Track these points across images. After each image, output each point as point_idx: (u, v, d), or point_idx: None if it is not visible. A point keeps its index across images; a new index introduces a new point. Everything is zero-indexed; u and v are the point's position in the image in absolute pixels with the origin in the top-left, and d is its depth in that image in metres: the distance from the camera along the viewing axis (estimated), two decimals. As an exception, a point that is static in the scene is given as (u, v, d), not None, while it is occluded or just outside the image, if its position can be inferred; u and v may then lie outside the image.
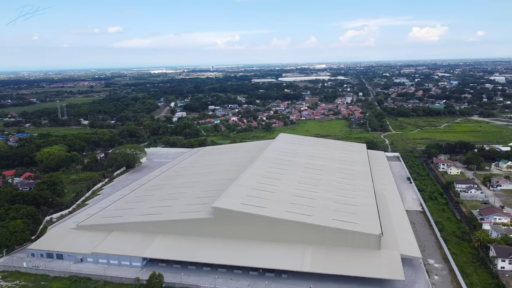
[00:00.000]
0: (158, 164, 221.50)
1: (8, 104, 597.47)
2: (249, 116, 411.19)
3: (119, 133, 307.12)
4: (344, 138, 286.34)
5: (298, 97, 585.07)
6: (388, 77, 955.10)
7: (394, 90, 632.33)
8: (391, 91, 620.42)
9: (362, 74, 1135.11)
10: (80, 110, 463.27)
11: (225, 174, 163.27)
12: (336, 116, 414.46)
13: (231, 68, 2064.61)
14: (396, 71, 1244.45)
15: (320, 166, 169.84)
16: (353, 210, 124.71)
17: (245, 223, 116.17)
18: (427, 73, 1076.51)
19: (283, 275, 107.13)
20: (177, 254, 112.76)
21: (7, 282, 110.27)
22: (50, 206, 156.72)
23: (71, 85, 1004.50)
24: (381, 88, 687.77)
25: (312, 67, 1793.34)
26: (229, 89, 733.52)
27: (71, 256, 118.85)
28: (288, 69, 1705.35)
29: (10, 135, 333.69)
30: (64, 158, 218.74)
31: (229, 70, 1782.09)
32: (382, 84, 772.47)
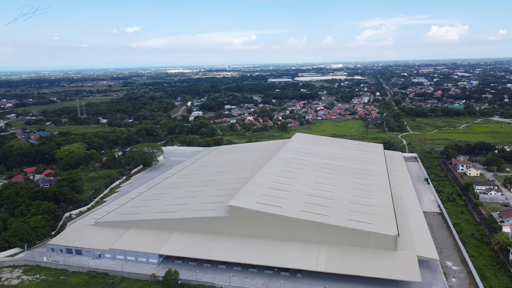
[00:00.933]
0: (174, 163, 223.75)
1: (29, 103, 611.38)
2: (265, 115, 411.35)
3: (136, 132, 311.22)
4: (361, 138, 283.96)
5: (314, 96, 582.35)
6: (406, 77, 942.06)
7: (412, 90, 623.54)
8: (409, 91, 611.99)
9: (379, 74, 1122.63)
10: (98, 109, 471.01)
11: (240, 173, 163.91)
12: (352, 116, 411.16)
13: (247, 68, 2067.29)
14: (414, 70, 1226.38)
15: (336, 166, 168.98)
16: (369, 211, 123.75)
17: (261, 222, 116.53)
18: (446, 72, 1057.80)
19: (298, 274, 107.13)
20: (193, 252, 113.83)
21: (28, 276, 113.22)
22: (69, 203, 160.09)
23: (90, 85, 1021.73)
24: (399, 88, 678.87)
25: (329, 67, 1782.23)
26: (245, 88, 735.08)
27: (90, 252, 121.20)
28: (304, 68, 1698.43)
29: (32, 133, 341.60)
30: (83, 156, 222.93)
31: (245, 70, 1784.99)
32: (400, 84, 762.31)
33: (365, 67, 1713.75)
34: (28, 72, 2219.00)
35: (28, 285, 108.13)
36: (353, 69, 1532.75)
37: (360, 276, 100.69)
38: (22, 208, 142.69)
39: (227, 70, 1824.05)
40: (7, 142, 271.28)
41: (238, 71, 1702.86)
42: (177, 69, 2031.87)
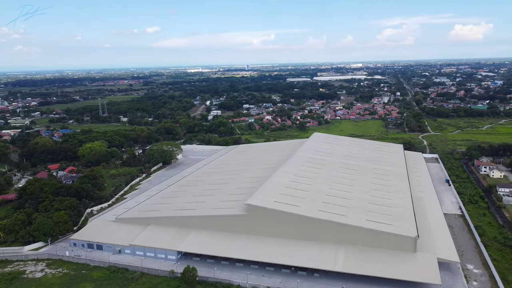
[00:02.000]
0: (193, 161, 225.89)
1: (53, 101, 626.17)
2: (283, 115, 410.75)
3: (156, 130, 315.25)
4: (380, 139, 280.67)
5: (333, 96, 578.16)
6: (428, 77, 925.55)
7: (434, 90, 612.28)
8: (431, 91, 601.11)
9: (400, 74, 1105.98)
10: (119, 108, 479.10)
11: (258, 172, 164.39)
12: (372, 116, 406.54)
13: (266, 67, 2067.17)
14: (436, 70, 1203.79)
15: (355, 166, 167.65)
16: (388, 212, 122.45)
17: (278, 221, 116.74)
18: (470, 72, 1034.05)
19: (315, 274, 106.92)
20: (211, 249, 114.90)
21: (51, 269, 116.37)
22: (91, 199, 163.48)
23: (111, 84, 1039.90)
24: (420, 87, 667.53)
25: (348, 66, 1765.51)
26: (263, 88, 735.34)
27: (110, 247, 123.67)
28: (324, 68, 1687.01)
29: (55, 130, 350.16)
30: (105, 153, 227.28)
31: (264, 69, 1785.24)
32: (421, 83, 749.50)
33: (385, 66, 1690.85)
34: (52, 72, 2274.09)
35: (51, 278, 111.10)
36: (373, 68, 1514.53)
37: (378, 277, 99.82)
38: (46, 204, 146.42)
39: (246, 69, 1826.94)
40: (32, 140, 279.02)
41: (257, 70, 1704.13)
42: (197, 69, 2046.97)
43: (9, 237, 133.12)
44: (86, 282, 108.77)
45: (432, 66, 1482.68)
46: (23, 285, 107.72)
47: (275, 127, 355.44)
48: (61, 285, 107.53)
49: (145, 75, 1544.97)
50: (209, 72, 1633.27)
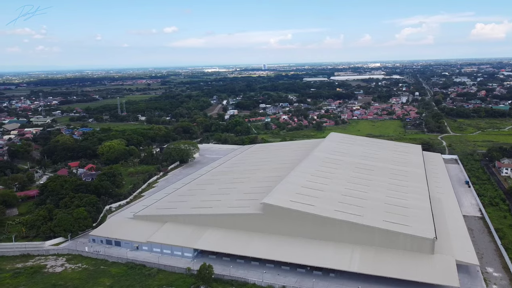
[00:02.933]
0: (210, 160, 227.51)
1: (73, 100, 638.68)
2: (300, 114, 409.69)
3: (173, 129, 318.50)
4: (398, 139, 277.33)
5: (350, 96, 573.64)
6: (448, 76, 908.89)
7: (454, 90, 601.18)
8: (450, 91, 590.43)
9: (419, 73, 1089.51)
10: (138, 107, 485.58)
11: (274, 171, 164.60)
12: (390, 116, 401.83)
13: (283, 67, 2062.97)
14: (456, 70, 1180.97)
15: (372, 167, 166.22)
16: (406, 213, 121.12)
17: (294, 220, 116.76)
18: (491, 72, 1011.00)
19: (331, 274, 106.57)
20: (227, 247, 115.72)
21: (71, 264, 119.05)
22: (109, 196, 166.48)
23: (130, 83, 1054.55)
24: (440, 87, 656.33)
25: (366, 66, 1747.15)
26: (280, 87, 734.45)
27: (128, 244, 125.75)
28: (341, 68, 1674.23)
29: (75, 129, 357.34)
30: (123, 151, 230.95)
31: (281, 69, 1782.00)
32: (441, 83, 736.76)
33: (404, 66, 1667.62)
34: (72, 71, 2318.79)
35: (71, 273, 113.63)
36: (391, 68, 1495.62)
37: (394, 278, 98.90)
38: (66, 200, 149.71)
39: (263, 69, 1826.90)
40: (53, 138, 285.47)
41: (274, 70, 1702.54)
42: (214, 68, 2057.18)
43: (31, 232, 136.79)
44: (104, 277, 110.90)
45: (452, 66, 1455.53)
46: (44, 279, 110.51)
47: (292, 126, 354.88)
48: (81, 280, 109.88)
49: (163, 74, 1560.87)
50: (226, 72, 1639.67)
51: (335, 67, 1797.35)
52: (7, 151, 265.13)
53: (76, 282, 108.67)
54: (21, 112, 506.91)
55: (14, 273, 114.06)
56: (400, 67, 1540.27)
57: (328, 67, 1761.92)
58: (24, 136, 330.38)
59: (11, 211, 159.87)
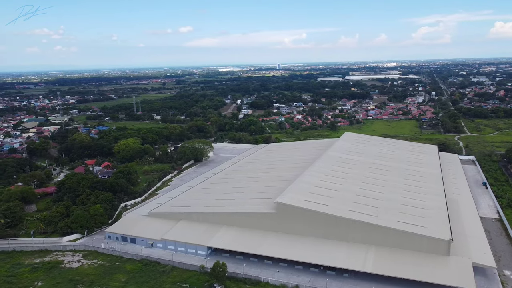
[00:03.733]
0: (224, 159, 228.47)
1: (90, 99, 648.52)
2: (314, 114, 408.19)
3: (188, 128, 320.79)
4: (414, 139, 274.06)
5: (365, 96, 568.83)
6: (465, 76, 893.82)
7: (471, 90, 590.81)
8: (468, 91, 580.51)
9: (435, 73, 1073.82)
10: (153, 106, 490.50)
11: (288, 170, 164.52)
12: (405, 116, 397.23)
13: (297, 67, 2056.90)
14: (474, 69, 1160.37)
15: (387, 167, 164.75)
16: (421, 213, 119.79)
17: (307, 219, 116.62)
18: (511, 71, 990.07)
19: (344, 274, 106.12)
20: (240, 246, 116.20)
21: (87, 260, 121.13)
22: (125, 194, 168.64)
23: (145, 82, 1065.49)
24: (457, 87, 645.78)
25: (381, 65, 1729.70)
26: (294, 87, 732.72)
27: (143, 241, 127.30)
28: (356, 67, 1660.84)
29: (92, 127, 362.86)
30: (138, 150, 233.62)
31: (295, 69, 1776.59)
32: (458, 83, 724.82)
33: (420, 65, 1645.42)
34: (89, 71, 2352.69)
35: (87, 269, 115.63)
36: (407, 67, 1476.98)
37: (409, 279, 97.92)
38: (83, 197, 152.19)
39: (277, 69, 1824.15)
40: (70, 136, 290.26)
41: (288, 70, 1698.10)
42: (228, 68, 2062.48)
43: (49, 228, 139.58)
44: (120, 273, 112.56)
45: (470, 65, 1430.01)
46: (61, 274, 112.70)
47: (306, 126, 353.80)
48: (96, 275, 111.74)
49: (177, 74, 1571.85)
50: (240, 71, 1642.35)
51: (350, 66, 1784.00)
52: (26, 148, 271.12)
53: (92, 277, 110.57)
54: (40, 110, 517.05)
55: (32, 268, 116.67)
56: (416, 67, 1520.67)
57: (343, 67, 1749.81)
58: (42, 134, 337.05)
59: (29, 208, 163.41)
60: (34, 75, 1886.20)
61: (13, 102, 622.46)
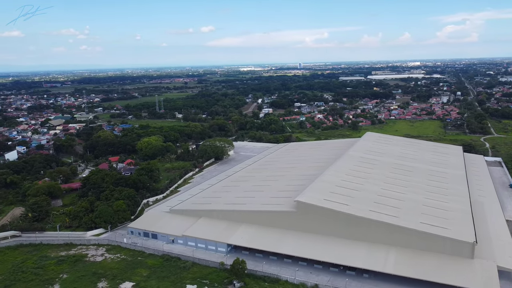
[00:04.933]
0: (244, 157, 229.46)
1: (114, 98, 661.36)
2: (335, 114, 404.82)
3: (209, 127, 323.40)
4: (438, 140, 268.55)
5: (388, 95, 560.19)
6: (493, 76, 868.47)
7: (499, 90, 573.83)
8: (495, 91, 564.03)
9: (461, 72, 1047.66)
10: (175, 104, 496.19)
11: (309, 170, 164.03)
12: (429, 116, 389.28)
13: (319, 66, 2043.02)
14: (502, 69, 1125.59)
15: (409, 167, 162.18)
16: (444, 215, 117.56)
17: (327, 219, 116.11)
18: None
19: (365, 274, 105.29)
20: (260, 244, 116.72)
21: (110, 254, 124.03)
22: (147, 190, 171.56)
23: (167, 81, 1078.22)
24: (483, 87, 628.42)
25: (405, 65, 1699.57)
26: (315, 86, 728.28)
27: (164, 237, 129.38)
28: (378, 66, 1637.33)
29: (116, 125, 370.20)
30: (160, 147, 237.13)
31: (316, 68, 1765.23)
32: (485, 83, 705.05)
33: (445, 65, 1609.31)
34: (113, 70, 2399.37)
35: (110, 263, 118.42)
36: (431, 67, 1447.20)
37: (430, 282, 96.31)
38: (107, 193, 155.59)
39: (298, 68, 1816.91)
40: (95, 133, 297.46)
41: (309, 69, 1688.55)
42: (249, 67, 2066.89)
43: (74, 223, 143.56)
44: (141, 268, 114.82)
45: (498, 65, 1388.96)
46: (85, 267, 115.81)
47: (327, 126, 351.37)
48: (119, 269, 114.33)
49: (199, 73, 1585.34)
50: (261, 71, 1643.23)
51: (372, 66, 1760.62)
52: (52, 145, 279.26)
53: (115, 271, 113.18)
54: (66, 108, 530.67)
55: (58, 260, 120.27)
56: (441, 66, 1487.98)
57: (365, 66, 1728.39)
58: (68, 131, 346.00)
59: (56, 202, 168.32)
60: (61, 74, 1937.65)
61: (40, 100, 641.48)
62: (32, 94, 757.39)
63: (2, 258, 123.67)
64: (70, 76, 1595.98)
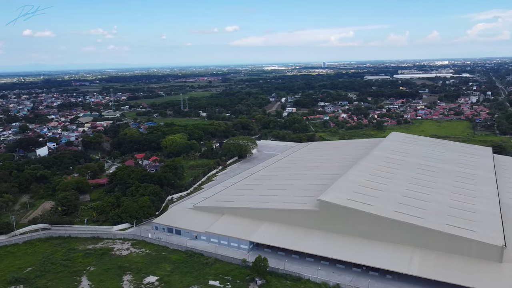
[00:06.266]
0: (267, 156, 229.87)
1: (140, 96, 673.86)
2: (360, 113, 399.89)
3: (233, 125, 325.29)
4: (466, 141, 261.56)
5: (414, 95, 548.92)
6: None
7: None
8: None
9: (492, 72, 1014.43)
10: (199, 103, 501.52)
11: (332, 169, 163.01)
12: (457, 116, 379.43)
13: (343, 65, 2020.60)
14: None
15: (435, 168, 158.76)
16: (472, 217, 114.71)
17: (350, 218, 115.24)
18: None
19: (388, 275, 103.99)
20: (282, 242, 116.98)
21: (135, 248, 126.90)
22: (171, 187, 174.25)
23: (192, 80, 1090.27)
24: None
25: (432, 64, 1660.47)
26: (340, 86, 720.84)
27: (188, 233, 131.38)
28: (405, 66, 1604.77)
29: (141, 123, 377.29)
30: (185, 145, 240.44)
31: (341, 67, 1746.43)
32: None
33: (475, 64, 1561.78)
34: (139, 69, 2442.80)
35: (135, 257, 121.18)
36: (460, 66, 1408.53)
37: (456, 285, 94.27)
38: (132, 189, 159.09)
39: (322, 67, 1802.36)
40: (121, 131, 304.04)
41: (334, 68, 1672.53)
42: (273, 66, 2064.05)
43: (101, 217, 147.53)
44: (165, 263, 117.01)
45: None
46: (111, 261, 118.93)
47: (351, 125, 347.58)
48: (144, 263, 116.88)
49: (223, 72, 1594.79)
50: (285, 70, 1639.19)
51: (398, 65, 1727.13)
52: (81, 142, 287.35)
53: (140, 265, 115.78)
54: (94, 106, 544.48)
55: (85, 253, 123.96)
56: (470, 65, 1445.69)
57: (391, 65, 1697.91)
58: (96, 128, 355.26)
59: (84, 197, 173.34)
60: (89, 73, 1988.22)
61: (70, 98, 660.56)
62: (62, 92, 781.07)
63: (33, 249, 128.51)
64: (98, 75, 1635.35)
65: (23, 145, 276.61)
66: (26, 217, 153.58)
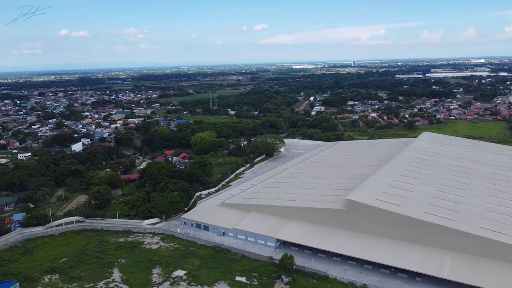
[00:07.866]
0: (295, 155, 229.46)
1: (171, 94, 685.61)
2: (390, 113, 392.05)
3: (261, 124, 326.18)
4: (502, 142, 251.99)
5: (448, 94, 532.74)
6: None
7: None
8: None
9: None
10: (228, 101, 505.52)
11: (360, 169, 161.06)
12: (493, 116, 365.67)
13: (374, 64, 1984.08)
14: None
15: (469, 170, 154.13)
16: (507, 221, 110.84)
17: (379, 219, 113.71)
18: None
19: (417, 278, 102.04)
20: (309, 240, 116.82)
21: (164, 243, 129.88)
22: (200, 184, 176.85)
23: (221, 79, 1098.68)
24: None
25: (467, 62, 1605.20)
26: (370, 84, 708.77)
27: (215, 229, 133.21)
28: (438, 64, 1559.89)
29: (171, 120, 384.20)
30: (213, 143, 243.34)
31: (372, 66, 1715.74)
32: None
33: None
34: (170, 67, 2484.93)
35: (164, 251, 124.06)
36: (498, 64, 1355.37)
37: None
38: (162, 185, 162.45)
39: (352, 66, 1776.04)
40: (152, 128, 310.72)
41: (364, 67, 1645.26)
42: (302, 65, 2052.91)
43: (132, 212, 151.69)
44: (193, 258, 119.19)
45: None
46: (141, 254, 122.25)
47: (381, 125, 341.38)
48: (172, 257, 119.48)
49: (252, 71, 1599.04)
50: (314, 68, 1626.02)
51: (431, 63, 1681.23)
52: (113, 138, 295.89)
53: (169, 259, 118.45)
54: (126, 104, 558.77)
55: (117, 246, 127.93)
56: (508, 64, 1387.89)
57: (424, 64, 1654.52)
58: (128, 125, 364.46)
59: (116, 192, 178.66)
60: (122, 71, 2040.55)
61: (103, 96, 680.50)
62: (96, 90, 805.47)
63: (68, 241, 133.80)
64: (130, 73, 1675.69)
65: (59, 140, 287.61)
66: (62, 209, 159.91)
